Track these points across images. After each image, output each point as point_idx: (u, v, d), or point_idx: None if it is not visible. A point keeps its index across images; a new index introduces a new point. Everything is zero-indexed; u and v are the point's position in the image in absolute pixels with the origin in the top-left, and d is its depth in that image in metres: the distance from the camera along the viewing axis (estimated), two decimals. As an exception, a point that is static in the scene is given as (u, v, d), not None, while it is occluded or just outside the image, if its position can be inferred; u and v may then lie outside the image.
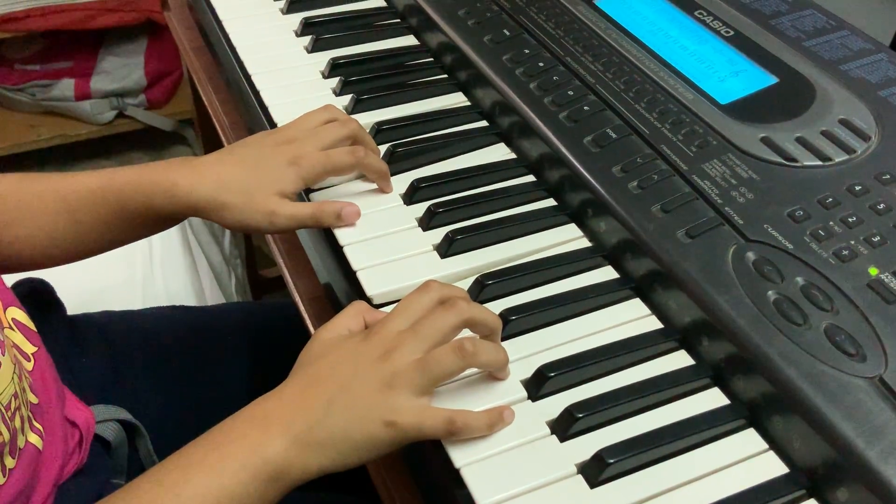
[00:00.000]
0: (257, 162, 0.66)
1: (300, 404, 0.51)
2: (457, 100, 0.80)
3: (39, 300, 0.78)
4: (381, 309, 0.60)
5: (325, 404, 0.51)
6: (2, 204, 0.67)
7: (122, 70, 2.03)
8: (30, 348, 0.62)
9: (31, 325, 0.64)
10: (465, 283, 0.61)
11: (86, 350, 0.80)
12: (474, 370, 0.54)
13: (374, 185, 0.70)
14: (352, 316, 0.57)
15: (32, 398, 0.60)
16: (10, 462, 0.55)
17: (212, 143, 1.41)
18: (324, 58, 0.84)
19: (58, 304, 0.80)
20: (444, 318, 0.53)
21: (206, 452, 0.51)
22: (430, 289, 0.55)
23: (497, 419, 0.52)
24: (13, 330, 0.61)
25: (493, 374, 0.55)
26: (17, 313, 0.63)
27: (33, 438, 0.58)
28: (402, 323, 0.53)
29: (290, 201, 0.65)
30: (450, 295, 0.55)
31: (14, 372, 0.56)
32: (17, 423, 0.56)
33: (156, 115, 2.09)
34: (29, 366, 0.61)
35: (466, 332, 0.54)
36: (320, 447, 0.50)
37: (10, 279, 0.75)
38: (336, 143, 0.68)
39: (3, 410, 0.54)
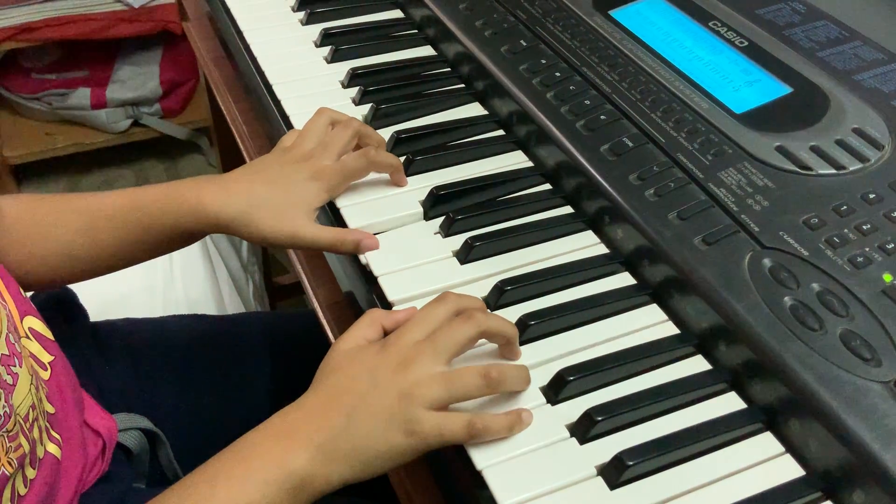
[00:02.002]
0: (283, 180, 0.68)
1: (322, 417, 0.52)
2: (474, 109, 0.81)
3: (63, 307, 0.79)
4: (398, 308, 0.61)
5: (347, 416, 0.51)
6: (18, 223, 0.68)
7: (137, 79, 2.05)
8: (46, 357, 0.63)
9: (49, 334, 0.65)
10: (485, 289, 0.62)
11: (109, 357, 0.81)
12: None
13: (394, 193, 0.71)
14: (368, 325, 0.57)
15: (49, 408, 0.60)
16: (30, 473, 0.56)
17: (228, 152, 1.42)
18: (343, 68, 0.85)
19: (81, 311, 0.82)
20: (461, 330, 0.54)
21: (232, 466, 0.52)
22: (447, 300, 0.56)
23: (516, 421, 0.53)
24: (30, 339, 0.62)
25: None
26: (34, 322, 0.64)
27: (52, 448, 0.59)
28: (419, 333, 0.54)
29: (313, 222, 0.67)
30: (466, 306, 0.56)
31: (31, 383, 0.57)
32: (36, 433, 0.57)
33: (171, 124, 2.12)
34: (45, 375, 0.62)
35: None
36: (343, 458, 0.51)
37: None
38: (346, 146, 0.70)
39: (22, 422, 0.54)
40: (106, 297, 0.98)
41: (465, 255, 0.65)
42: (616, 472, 0.50)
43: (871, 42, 0.74)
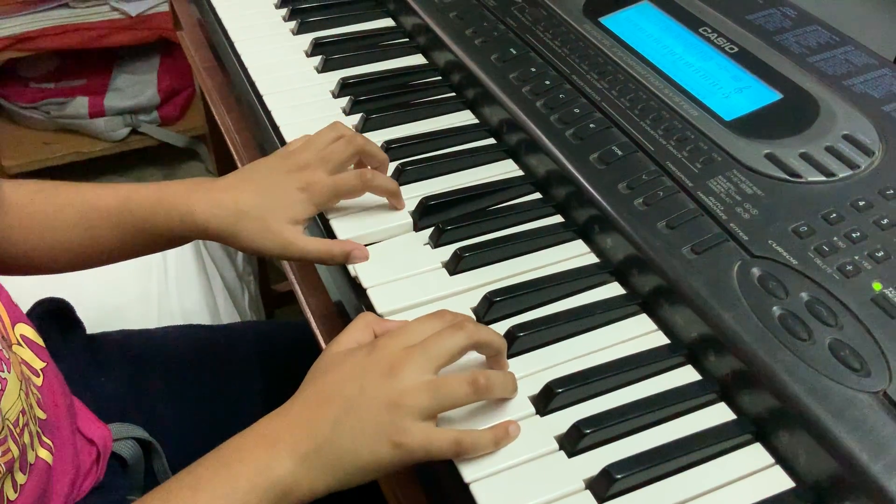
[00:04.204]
0: (272, 189, 0.67)
1: (307, 424, 0.52)
2: (465, 118, 0.81)
3: (59, 319, 0.80)
4: (389, 318, 0.61)
5: (332, 424, 0.51)
6: (19, 212, 0.69)
7: (135, 87, 2.05)
8: (38, 364, 0.63)
9: (40, 341, 0.65)
10: (474, 300, 0.62)
11: (105, 369, 0.81)
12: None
13: (384, 204, 0.70)
14: (360, 329, 0.57)
15: (40, 414, 0.61)
16: (20, 478, 0.56)
17: (224, 160, 1.42)
18: (334, 77, 0.85)
19: (77, 324, 0.82)
20: (452, 339, 0.53)
21: (216, 471, 0.51)
22: (443, 315, 0.56)
23: (503, 435, 0.52)
24: (21, 346, 0.62)
25: None
26: (26, 329, 0.64)
27: (43, 454, 0.59)
28: (409, 341, 0.54)
29: (302, 234, 0.67)
30: (459, 322, 0.56)
31: (21, 388, 0.57)
32: (27, 438, 0.57)
33: (169, 132, 2.11)
34: (38, 381, 0.62)
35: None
36: (328, 467, 0.51)
37: (29, 298, 0.76)
38: (344, 163, 0.69)
39: (12, 427, 0.55)
40: (101, 308, 0.98)
41: (455, 266, 0.64)
42: (604, 486, 0.50)
43: (862, 47, 0.74)
